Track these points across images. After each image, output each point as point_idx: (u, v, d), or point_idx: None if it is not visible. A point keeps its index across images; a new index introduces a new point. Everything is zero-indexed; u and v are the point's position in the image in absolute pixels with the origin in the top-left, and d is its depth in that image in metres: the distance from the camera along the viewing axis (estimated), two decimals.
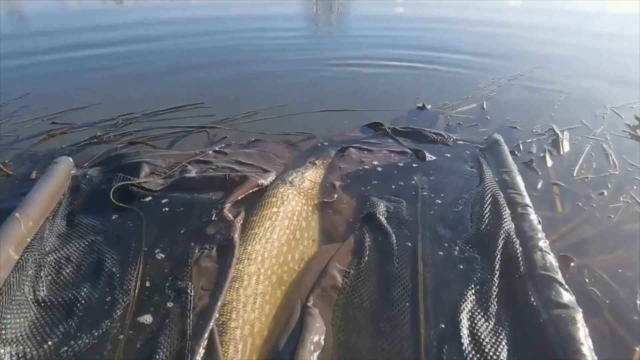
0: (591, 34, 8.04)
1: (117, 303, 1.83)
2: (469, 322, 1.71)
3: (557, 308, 1.72)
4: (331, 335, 1.72)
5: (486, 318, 1.74)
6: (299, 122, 3.83)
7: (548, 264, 1.95)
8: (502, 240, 2.12)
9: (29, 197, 2.43)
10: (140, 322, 1.75)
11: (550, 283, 1.83)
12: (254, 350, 1.68)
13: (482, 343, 1.63)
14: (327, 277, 1.98)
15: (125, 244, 2.20)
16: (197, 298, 1.83)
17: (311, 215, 2.52)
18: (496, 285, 1.89)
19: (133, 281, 1.95)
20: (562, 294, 1.78)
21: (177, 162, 2.95)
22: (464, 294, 1.84)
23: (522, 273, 1.95)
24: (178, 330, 1.68)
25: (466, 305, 1.78)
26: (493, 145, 3.11)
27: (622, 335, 1.77)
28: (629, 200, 2.68)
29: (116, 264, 2.06)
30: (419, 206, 2.49)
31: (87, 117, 3.93)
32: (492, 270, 1.96)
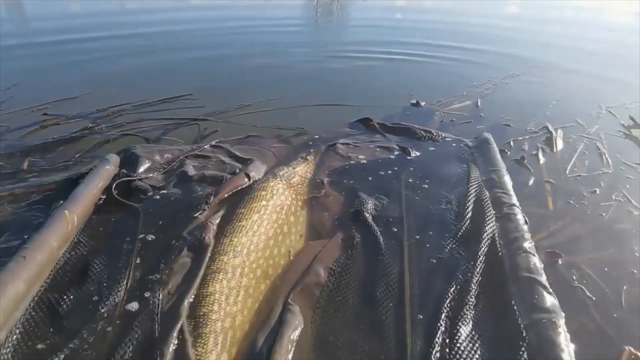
0: (589, 35, 8.03)
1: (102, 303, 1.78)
2: (450, 326, 1.66)
3: (539, 312, 1.67)
4: (310, 333, 1.68)
5: (469, 322, 1.68)
6: (292, 115, 3.80)
7: (532, 265, 1.89)
8: (485, 241, 2.07)
9: (78, 193, 2.37)
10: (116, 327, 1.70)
11: (533, 286, 1.79)
12: (234, 343, 1.65)
13: (463, 347, 1.58)
14: (312, 274, 1.95)
15: (119, 242, 2.15)
16: (165, 301, 1.77)
17: (300, 210, 2.49)
18: (479, 288, 1.84)
19: (123, 281, 1.90)
20: (545, 297, 1.73)
21: (175, 157, 2.92)
22: (446, 297, 1.78)
23: (506, 275, 1.91)
24: (147, 334, 1.63)
25: (448, 308, 1.73)
26: (482, 144, 3.06)
27: (611, 334, 1.75)
28: (621, 199, 2.66)
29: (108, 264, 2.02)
30: (404, 205, 2.44)
31: (77, 108, 3.88)
32: (476, 272, 1.91)
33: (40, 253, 1.90)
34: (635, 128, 3.77)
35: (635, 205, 2.61)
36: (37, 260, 1.87)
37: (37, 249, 1.90)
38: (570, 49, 6.87)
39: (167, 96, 4.18)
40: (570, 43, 7.34)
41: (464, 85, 4.73)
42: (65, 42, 6.45)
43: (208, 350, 1.58)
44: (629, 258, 2.18)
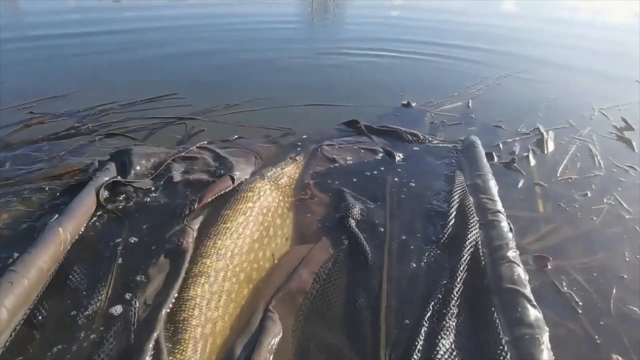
0: (583, 37, 8.00)
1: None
2: (429, 337, 1.61)
3: (522, 327, 1.60)
4: (290, 341, 1.64)
5: (449, 335, 1.62)
6: (280, 115, 3.76)
7: (516, 276, 1.82)
8: (468, 250, 2.01)
9: (74, 207, 2.24)
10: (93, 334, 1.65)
11: (517, 298, 1.72)
12: (214, 350, 1.61)
13: None
14: (295, 280, 1.90)
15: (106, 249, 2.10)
16: (142, 309, 1.72)
17: (287, 212, 2.44)
18: (460, 299, 1.79)
19: (104, 289, 1.85)
20: (528, 311, 1.66)
21: (163, 161, 2.87)
22: (426, 307, 1.73)
23: (488, 286, 1.85)
24: (123, 343, 1.59)
25: (428, 321, 1.68)
26: (468, 148, 3.02)
27: (598, 341, 1.71)
28: (613, 202, 2.64)
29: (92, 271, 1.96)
30: (387, 212, 2.40)
31: (63, 106, 3.82)
32: (457, 282, 1.85)
33: (28, 276, 1.77)
34: (628, 130, 3.75)
35: (626, 208, 2.58)
36: (24, 285, 1.73)
37: (25, 272, 1.77)
38: (565, 49, 6.87)
39: (153, 94, 4.14)
40: (565, 43, 7.36)
41: (456, 85, 4.70)
42: (54, 38, 6.41)
43: (187, 358, 1.54)
44: (619, 263, 2.14)
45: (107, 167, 2.68)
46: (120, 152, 2.86)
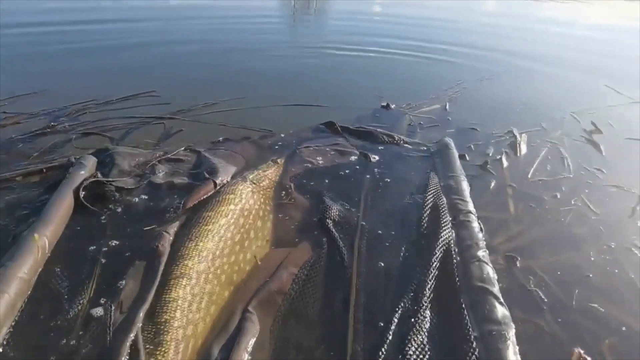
0: (559, 44, 8.23)
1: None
2: (398, 336, 1.68)
3: (489, 324, 1.69)
4: (268, 341, 1.69)
5: (418, 330, 1.70)
6: (260, 115, 3.81)
7: (485, 275, 1.92)
8: (439, 249, 2.09)
9: (49, 210, 2.23)
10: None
11: (485, 296, 1.81)
12: (195, 351, 1.65)
13: (410, 355, 1.60)
14: (275, 281, 1.95)
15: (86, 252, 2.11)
16: (118, 312, 1.74)
17: (267, 215, 2.48)
18: (431, 296, 1.87)
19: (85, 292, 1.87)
20: (496, 308, 1.76)
21: (147, 161, 2.89)
22: (396, 306, 1.80)
23: (459, 284, 1.94)
24: (101, 345, 1.61)
25: (398, 318, 1.75)
26: (443, 149, 3.13)
27: (562, 336, 1.81)
28: (580, 204, 2.76)
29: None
30: (361, 212, 2.47)
31: (37, 105, 3.77)
32: (428, 279, 1.93)
33: (9, 292, 1.74)
34: (597, 133, 3.89)
35: (592, 210, 2.70)
36: (6, 300, 1.71)
37: (5, 287, 1.74)
38: (542, 54, 7.07)
39: (129, 93, 4.14)
40: (543, 48, 7.59)
41: (435, 88, 4.81)
42: (24, 34, 6.30)
43: (169, 359, 1.57)
44: (584, 262, 2.25)
45: (82, 161, 2.68)
46: (101, 151, 2.87)
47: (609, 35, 9.69)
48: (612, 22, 12.29)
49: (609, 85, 5.40)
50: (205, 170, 2.78)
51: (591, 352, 1.74)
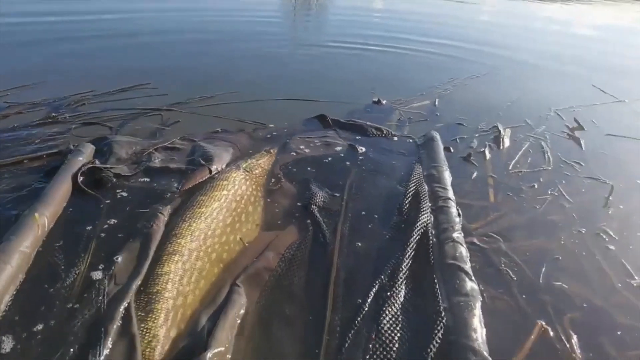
0: (555, 42, 8.39)
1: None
2: (374, 308, 1.81)
3: (458, 296, 1.84)
4: (254, 312, 1.82)
5: (394, 302, 1.83)
6: (254, 109, 3.93)
7: (458, 254, 2.07)
8: (418, 230, 2.23)
9: (48, 192, 2.36)
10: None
11: (456, 272, 1.96)
12: (183, 320, 1.78)
13: (382, 328, 1.72)
14: (262, 260, 2.08)
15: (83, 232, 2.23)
16: (112, 285, 1.86)
17: (258, 201, 2.62)
18: (408, 273, 2.00)
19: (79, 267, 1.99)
20: (466, 283, 1.90)
21: (144, 149, 3.03)
22: (374, 282, 1.93)
23: (432, 263, 2.07)
24: (96, 314, 1.74)
25: (374, 292, 1.88)
26: (428, 142, 3.29)
27: (527, 310, 1.95)
28: (556, 193, 2.89)
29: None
30: (345, 197, 2.62)
31: (36, 96, 3.88)
32: (405, 257, 2.06)
33: (11, 263, 1.86)
34: (579, 130, 4.03)
35: (567, 199, 2.84)
36: (8, 271, 1.83)
37: (8, 259, 1.87)
38: (532, 53, 7.22)
39: (125, 84, 4.27)
40: (533, 47, 7.73)
41: (425, 85, 4.95)
42: (22, 24, 6.43)
43: (159, 325, 1.70)
44: (555, 246, 2.39)
45: (80, 148, 2.82)
46: (99, 140, 3.00)
47: (606, 35, 9.86)
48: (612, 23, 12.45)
49: (596, 85, 5.53)
50: (200, 158, 2.92)
51: (553, 325, 1.88)
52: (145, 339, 1.65)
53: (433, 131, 3.44)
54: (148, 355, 1.60)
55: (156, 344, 1.64)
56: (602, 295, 2.09)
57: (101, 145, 3.00)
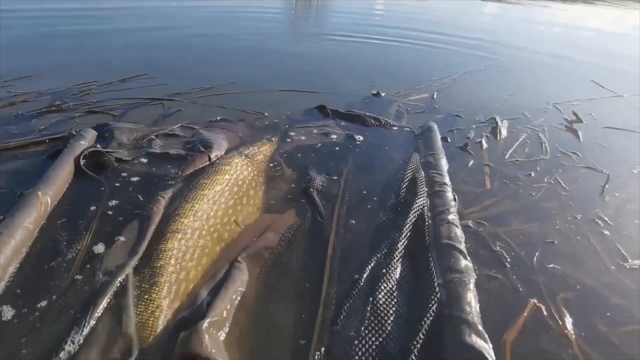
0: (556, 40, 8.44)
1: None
2: (369, 283, 1.86)
3: (452, 273, 1.88)
4: (254, 287, 1.87)
5: (389, 279, 1.88)
6: (255, 100, 3.98)
7: (453, 234, 2.11)
8: (414, 212, 2.28)
9: (51, 173, 2.43)
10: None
11: (451, 251, 2.00)
12: (185, 294, 1.83)
13: (377, 302, 1.77)
14: (263, 239, 2.13)
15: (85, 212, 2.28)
16: (110, 261, 1.92)
17: (259, 186, 2.67)
18: (404, 252, 2.04)
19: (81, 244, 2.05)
20: (460, 261, 1.95)
21: (146, 135, 3.09)
22: (370, 260, 1.98)
23: (428, 242, 2.12)
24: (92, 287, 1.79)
25: (370, 269, 1.93)
26: (426, 132, 3.35)
27: (521, 290, 1.99)
28: (552, 182, 2.94)
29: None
30: (342, 181, 2.68)
31: (40, 85, 3.95)
32: (401, 237, 2.11)
33: (15, 237, 1.93)
34: (577, 122, 4.07)
35: (564, 187, 2.88)
36: (12, 245, 1.89)
37: (12, 233, 1.93)
38: (532, 50, 7.26)
39: (126, 75, 4.35)
40: (538, 44, 7.78)
41: (424, 79, 5.00)
42: (28, 19, 6.48)
43: (162, 296, 1.76)
44: (550, 231, 2.43)
45: (82, 133, 2.88)
46: (101, 126, 3.06)
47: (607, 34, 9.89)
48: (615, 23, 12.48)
49: (595, 80, 5.56)
50: (200, 145, 2.97)
51: (546, 304, 1.92)
52: (148, 309, 1.70)
53: (431, 122, 3.49)
54: (152, 325, 1.65)
55: (159, 313, 1.70)
56: (595, 277, 2.13)
57: (103, 131, 3.07)
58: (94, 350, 1.54)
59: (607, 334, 1.83)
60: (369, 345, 1.60)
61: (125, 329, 1.61)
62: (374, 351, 1.58)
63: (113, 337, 1.59)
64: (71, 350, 1.54)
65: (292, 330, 1.69)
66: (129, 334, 1.59)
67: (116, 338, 1.58)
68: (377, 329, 1.66)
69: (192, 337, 1.47)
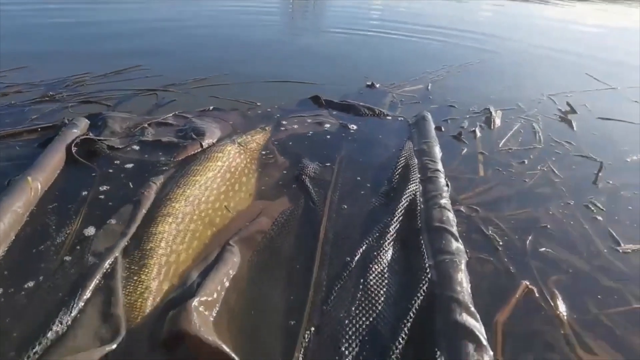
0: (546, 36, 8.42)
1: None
2: (360, 266, 1.85)
3: (444, 254, 1.88)
4: (246, 270, 1.86)
5: (381, 261, 1.87)
6: (249, 91, 3.97)
7: (445, 218, 2.11)
8: (406, 197, 2.27)
9: (42, 159, 2.42)
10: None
11: (442, 234, 2.00)
12: (175, 276, 1.82)
13: (368, 283, 1.76)
14: (256, 224, 2.12)
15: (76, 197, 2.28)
16: (100, 245, 1.91)
17: (252, 173, 2.66)
18: (393, 237, 2.03)
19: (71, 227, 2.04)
20: (451, 243, 1.94)
21: (138, 124, 3.08)
22: (361, 243, 1.98)
23: (419, 225, 2.12)
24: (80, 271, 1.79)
25: (361, 252, 1.92)
26: (420, 121, 3.35)
27: (512, 272, 1.99)
28: (546, 169, 2.94)
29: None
30: (335, 168, 2.67)
31: (34, 77, 3.94)
32: (393, 221, 2.11)
33: (4, 220, 1.92)
34: (571, 113, 4.07)
35: (557, 174, 2.88)
36: (2, 226, 1.90)
37: (1, 216, 1.92)
38: (528, 44, 7.26)
39: (120, 67, 4.34)
40: (535, 38, 7.77)
41: (419, 71, 4.97)
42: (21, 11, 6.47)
43: (151, 278, 1.75)
44: (543, 216, 2.43)
45: (75, 122, 2.87)
46: (94, 115, 3.04)
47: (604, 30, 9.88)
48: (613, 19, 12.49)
49: (589, 73, 5.57)
50: (192, 133, 2.96)
51: (538, 286, 1.92)
52: (137, 290, 1.69)
53: (425, 111, 3.49)
54: (140, 306, 1.64)
55: (148, 295, 1.69)
56: (588, 261, 2.13)
57: (96, 120, 3.07)
58: (81, 330, 1.53)
59: (598, 315, 1.83)
60: (360, 324, 1.59)
61: (114, 310, 1.60)
62: (364, 330, 1.57)
63: (101, 318, 1.58)
64: (59, 330, 1.52)
65: (283, 311, 1.68)
66: (117, 315, 1.58)
67: (104, 319, 1.58)
68: (367, 309, 1.65)
69: (180, 315, 1.46)
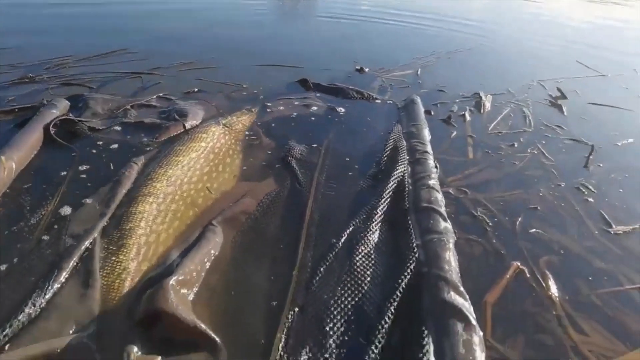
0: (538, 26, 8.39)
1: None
2: (347, 246, 1.80)
3: (432, 234, 1.84)
4: (229, 250, 1.81)
5: (368, 241, 1.83)
6: (237, 74, 3.87)
7: (433, 198, 2.07)
8: (395, 178, 2.22)
9: (17, 139, 2.34)
10: None
11: (430, 214, 1.96)
12: (155, 257, 1.75)
13: (355, 263, 1.71)
14: (240, 204, 2.06)
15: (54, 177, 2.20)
16: (78, 225, 1.85)
17: (237, 154, 2.59)
18: (381, 218, 1.98)
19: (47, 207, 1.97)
20: (439, 222, 1.90)
21: (121, 105, 2.99)
22: (348, 224, 1.92)
23: (407, 206, 2.07)
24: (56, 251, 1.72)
25: (348, 233, 1.87)
26: (409, 104, 3.30)
27: (503, 253, 1.95)
28: (535, 152, 2.91)
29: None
30: (322, 150, 2.62)
31: (14, 59, 3.80)
32: (381, 202, 2.06)
33: None
34: (561, 99, 4.04)
35: (547, 156, 2.85)
36: None
37: None
38: (519, 31, 7.27)
39: (104, 50, 4.20)
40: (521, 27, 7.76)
41: (409, 56, 4.90)
42: None
43: (129, 259, 1.68)
44: (533, 197, 2.40)
45: (54, 102, 2.77)
46: (76, 96, 2.95)
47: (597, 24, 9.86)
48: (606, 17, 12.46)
49: (580, 60, 5.55)
50: (175, 114, 2.88)
51: (529, 266, 1.89)
52: (115, 271, 1.63)
53: (414, 95, 3.44)
54: (118, 287, 1.58)
55: (126, 276, 1.62)
56: (579, 242, 2.10)
57: (77, 101, 2.98)
58: (55, 312, 1.46)
59: (589, 296, 1.80)
60: (345, 304, 1.54)
61: (90, 291, 1.54)
62: (350, 310, 1.53)
63: (77, 298, 1.52)
64: (32, 312, 1.45)
65: (266, 292, 1.63)
66: (94, 296, 1.52)
67: (80, 300, 1.51)
68: (353, 289, 1.61)
69: (157, 293, 1.40)
